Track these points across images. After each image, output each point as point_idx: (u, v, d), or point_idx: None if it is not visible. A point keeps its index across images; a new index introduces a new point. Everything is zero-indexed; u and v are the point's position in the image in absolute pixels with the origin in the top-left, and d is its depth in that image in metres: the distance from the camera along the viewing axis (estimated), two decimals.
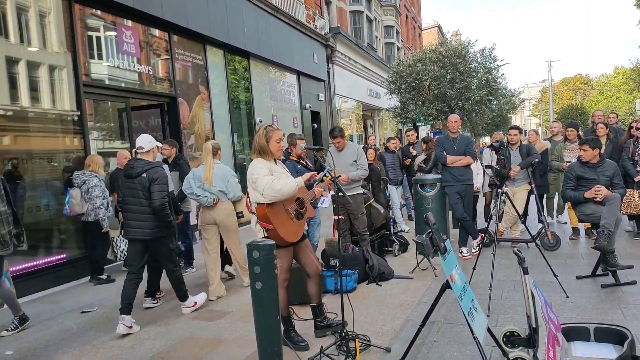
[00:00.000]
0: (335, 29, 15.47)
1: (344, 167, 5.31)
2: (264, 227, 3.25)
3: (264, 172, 3.24)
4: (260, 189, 3.20)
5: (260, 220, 3.26)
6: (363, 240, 5.31)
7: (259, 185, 3.20)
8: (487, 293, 3.98)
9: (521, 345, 2.89)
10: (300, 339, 3.42)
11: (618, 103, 40.93)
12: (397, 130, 22.66)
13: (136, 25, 7.25)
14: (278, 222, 3.24)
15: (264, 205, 3.20)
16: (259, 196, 3.24)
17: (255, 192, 3.28)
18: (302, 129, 12.88)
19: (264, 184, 3.17)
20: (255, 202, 3.30)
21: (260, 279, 2.48)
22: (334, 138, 5.36)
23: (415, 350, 3.10)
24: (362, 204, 5.42)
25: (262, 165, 3.30)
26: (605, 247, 4.28)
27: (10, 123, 5.43)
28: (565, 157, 6.49)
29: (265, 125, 3.43)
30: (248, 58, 10.35)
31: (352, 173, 5.24)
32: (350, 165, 5.29)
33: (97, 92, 6.57)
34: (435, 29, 36.89)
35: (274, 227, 3.20)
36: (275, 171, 3.32)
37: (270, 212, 3.21)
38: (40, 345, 3.77)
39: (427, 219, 2.70)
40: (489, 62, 15.24)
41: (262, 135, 3.33)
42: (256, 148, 3.37)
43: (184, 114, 8.16)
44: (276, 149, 3.36)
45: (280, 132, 3.43)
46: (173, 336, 3.77)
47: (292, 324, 3.47)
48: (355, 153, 5.38)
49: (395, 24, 23.86)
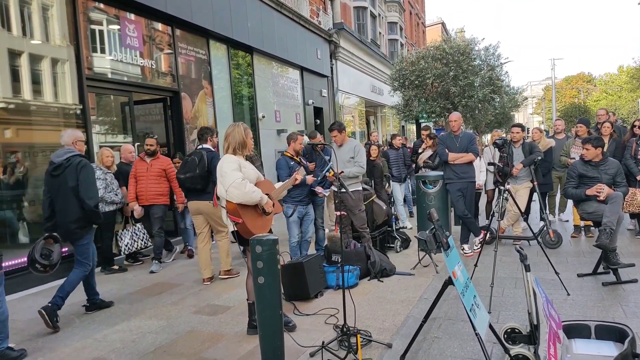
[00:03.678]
0: (338, 24, 15.41)
1: (341, 163, 5.30)
2: (233, 221, 3.30)
3: (233, 167, 3.29)
4: (226, 185, 3.24)
5: (229, 214, 3.31)
6: (362, 237, 5.31)
7: (227, 180, 3.25)
8: (488, 290, 3.99)
9: (522, 342, 2.90)
10: (287, 319, 3.55)
11: (621, 102, 40.76)
12: (399, 127, 22.62)
13: (139, 18, 7.24)
14: (247, 217, 3.28)
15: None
16: (223, 191, 3.29)
17: (221, 187, 3.32)
18: (305, 124, 12.87)
19: (231, 181, 3.21)
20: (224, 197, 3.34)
21: (262, 274, 2.48)
22: (330, 132, 5.36)
23: (416, 346, 3.11)
24: (360, 201, 5.34)
25: (232, 160, 3.35)
26: (607, 245, 4.28)
27: (12, 116, 5.43)
28: (572, 153, 6.45)
29: (239, 123, 3.57)
30: (251, 53, 10.34)
31: (346, 170, 5.19)
32: (347, 162, 5.22)
33: (99, 86, 6.57)
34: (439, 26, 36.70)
35: (243, 222, 3.25)
36: (243, 166, 3.38)
37: (239, 207, 3.26)
38: (42, 338, 3.79)
39: (431, 215, 2.70)
40: (493, 59, 15.17)
41: (242, 132, 3.47)
42: (235, 143, 3.44)
43: (187, 109, 8.15)
44: (251, 144, 3.56)
45: (250, 130, 3.62)
46: (174, 330, 3.78)
47: None
48: (352, 150, 5.26)
49: (399, 20, 23.75)
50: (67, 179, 3.98)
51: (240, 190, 3.20)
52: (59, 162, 4.06)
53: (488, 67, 14.69)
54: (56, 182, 4.04)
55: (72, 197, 3.99)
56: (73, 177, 3.98)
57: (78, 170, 4.00)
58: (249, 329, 3.58)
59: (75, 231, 4.03)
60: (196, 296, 4.68)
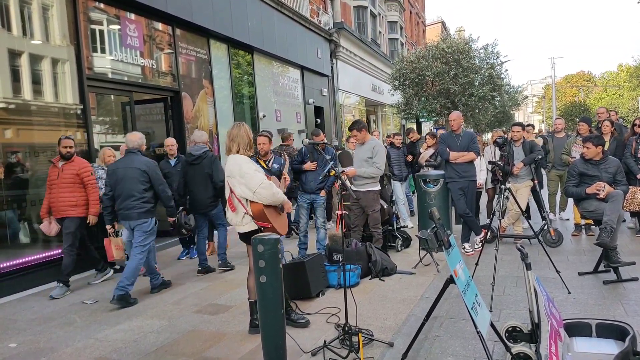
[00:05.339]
0: (339, 24, 15.40)
1: (358, 162, 5.32)
2: (261, 226, 3.22)
3: (254, 167, 3.23)
4: (253, 186, 3.15)
5: (256, 219, 3.23)
6: (372, 236, 5.33)
7: (253, 181, 3.16)
8: (489, 289, 3.99)
9: (523, 341, 2.91)
10: (299, 317, 3.55)
11: (621, 100, 40.74)
12: (400, 126, 22.61)
13: (140, 18, 7.24)
14: (274, 219, 3.26)
15: (259, 203, 3.20)
16: (248, 193, 3.20)
17: (243, 188, 3.22)
18: (306, 123, 12.86)
19: (260, 181, 3.14)
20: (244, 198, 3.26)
21: (265, 272, 2.48)
22: (350, 131, 5.47)
23: (418, 345, 3.11)
24: (375, 201, 5.34)
25: (248, 160, 3.29)
26: (607, 243, 4.28)
27: (12, 116, 5.43)
28: (573, 152, 6.45)
29: (241, 123, 3.49)
30: (252, 52, 10.34)
31: (359, 169, 5.21)
32: (364, 162, 5.25)
33: (100, 86, 6.58)
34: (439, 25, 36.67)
35: (272, 226, 3.20)
36: (256, 168, 3.36)
37: (267, 209, 3.21)
38: (43, 338, 3.80)
39: (432, 214, 2.70)
40: (493, 58, 15.15)
41: (249, 132, 3.41)
42: (243, 145, 3.35)
43: (188, 109, 8.16)
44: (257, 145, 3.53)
45: None
46: (176, 330, 3.79)
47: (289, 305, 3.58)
48: (371, 150, 5.26)
49: (399, 19, 23.73)
50: (204, 167, 5.27)
51: (269, 191, 3.15)
52: (197, 154, 5.31)
53: (488, 66, 14.68)
54: (193, 169, 5.33)
55: (207, 180, 5.27)
56: (209, 165, 5.27)
57: (212, 161, 5.32)
58: (251, 328, 3.58)
59: (211, 204, 5.41)
60: (197, 296, 4.68)
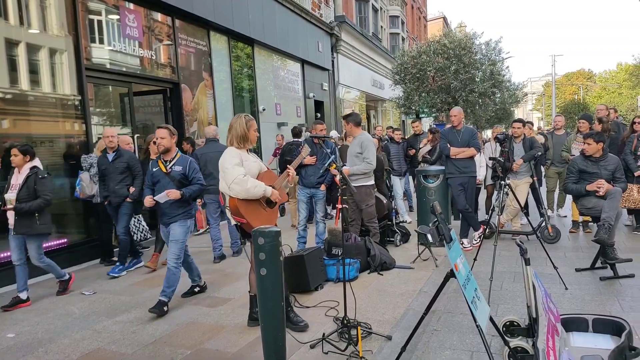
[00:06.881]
0: (340, 17, 15.31)
1: (349, 158, 5.29)
2: (237, 221, 3.24)
3: (234, 162, 3.21)
4: (228, 180, 3.16)
5: (232, 214, 3.24)
6: (369, 231, 5.32)
7: (229, 176, 3.17)
8: (487, 284, 4.00)
9: (521, 335, 2.92)
10: (299, 319, 3.48)
11: (620, 99, 40.74)
12: (399, 121, 22.58)
13: (139, 8, 7.18)
14: (250, 213, 3.22)
15: (234, 197, 3.19)
16: (225, 187, 3.22)
17: (222, 182, 3.25)
18: (306, 117, 12.83)
19: (234, 177, 3.14)
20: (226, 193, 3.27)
21: (265, 265, 2.48)
22: (343, 119, 5.49)
23: (416, 339, 3.12)
24: (368, 196, 5.31)
25: (234, 154, 3.27)
26: (605, 240, 4.30)
27: (10, 106, 5.39)
28: (572, 149, 6.44)
29: (242, 114, 3.44)
30: (252, 45, 10.28)
31: (352, 168, 5.17)
32: (354, 157, 5.18)
33: (98, 77, 6.53)
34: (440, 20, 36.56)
35: (247, 221, 3.19)
36: (245, 159, 3.31)
37: (240, 205, 3.18)
38: (41, 328, 3.80)
39: (434, 208, 2.69)
40: (494, 54, 15.12)
41: (243, 124, 3.35)
42: (236, 136, 3.34)
43: (187, 101, 8.12)
44: (254, 137, 3.42)
45: (254, 121, 3.47)
46: (175, 322, 3.79)
47: (289, 304, 3.51)
48: (359, 145, 5.13)
49: (401, 14, 23.63)
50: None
51: (242, 187, 3.15)
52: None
53: (489, 62, 14.66)
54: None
55: None
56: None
57: None
58: (250, 320, 3.58)
59: None
60: None
